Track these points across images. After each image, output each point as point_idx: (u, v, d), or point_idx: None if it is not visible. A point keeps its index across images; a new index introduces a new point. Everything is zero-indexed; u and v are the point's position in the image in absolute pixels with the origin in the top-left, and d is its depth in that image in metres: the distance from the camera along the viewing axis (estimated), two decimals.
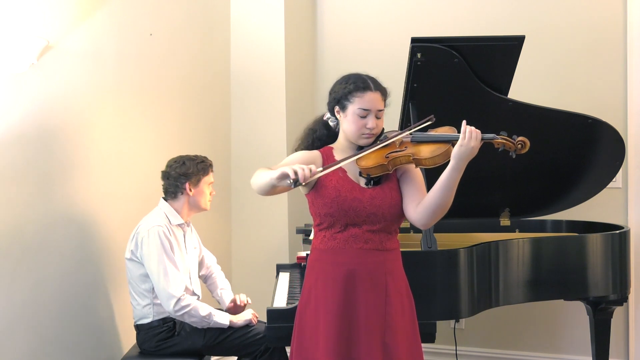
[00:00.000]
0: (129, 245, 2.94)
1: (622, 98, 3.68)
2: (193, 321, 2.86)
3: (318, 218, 2.17)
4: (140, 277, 2.90)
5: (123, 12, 3.30)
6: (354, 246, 2.12)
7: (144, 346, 2.94)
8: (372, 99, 2.11)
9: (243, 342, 2.92)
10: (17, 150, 2.73)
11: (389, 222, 2.13)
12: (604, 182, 3.36)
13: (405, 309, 2.16)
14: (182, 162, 2.99)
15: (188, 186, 2.97)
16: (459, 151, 1.98)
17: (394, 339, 2.09)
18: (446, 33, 3.21)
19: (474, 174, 2.87)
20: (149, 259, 2.84)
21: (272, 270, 3.46)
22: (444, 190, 2.01)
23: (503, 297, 2.81)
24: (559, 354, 3.85)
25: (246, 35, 4.15)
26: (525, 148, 2.09)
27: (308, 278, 2.21)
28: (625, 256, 3.08)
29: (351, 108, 2.11)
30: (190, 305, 2.82)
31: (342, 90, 2.14)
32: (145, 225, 2.91)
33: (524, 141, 2.09)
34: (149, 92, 3.49)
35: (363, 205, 2.10)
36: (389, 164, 2.09)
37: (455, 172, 2.00)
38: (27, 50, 2.66)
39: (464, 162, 1.99)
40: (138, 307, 2.94)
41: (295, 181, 1.89)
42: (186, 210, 3.03)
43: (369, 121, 2.10)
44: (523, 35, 2.90)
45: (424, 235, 2.66)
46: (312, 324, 2.14)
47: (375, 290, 2.10)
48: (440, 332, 2.65)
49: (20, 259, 2.75)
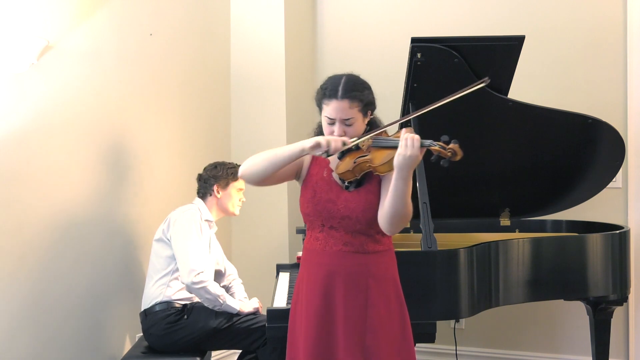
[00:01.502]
0: (161, 226, 3.05)
1: (622, 98, 3.68)
2: (207, 298, 2.92)
3: (302, 216, 2.19)
4: (165, 258, 2.99)
5: (123, 12, 3.30)
6: (333, 248, 2.10)
7: (150, 331, 2.95)
8: (336, 108, 2.03)
9: (249, 327, 2.96)
10: (17, 150, 2.73)
11: (364, 226, 2.09)
12: (604, 182, 3.36)
13: (393, 313, 2.12)
14: (214, 166, 3.18)
15: (216, 188, 3.12)
16: (397, 160, 1.89)
17: (376, 342, 2.06)
18: (446, 33, 3.20)
19: (474, 173, 2.87)
20: (177, 235, 2.96)
21: (272, 270, 3.46)
22: (394, 199, 1.94)
23: (503, 297, 2.81)
24: (559, 354, 3.85)
25: (246, 35, 4.15)
26: (457, 156, 1.91)
27: (298, 277, 2.23)
28: (625, 256, 3.08)
29: (323, 113, 2.10)
30: (208, 282, 2.91)
31: (317, 94, 2.13)
32: (180, 209, 3.06)
33: (455, 149, 1.90)
34: (149, 92, 3.49)
35: (337, 208, 2.09)
36: (355, 169, 2.04)
37: (400, 182, 1.91)
38: (27, 50, 2.66)
39: (406, 171, 1.89)
40: (150, 289, 2.99)
41: (326, 152, 1.94)
42: (215, 211, 3.16)
43: (335, 128, 2.05)
44: (523, 35, 2.90)
45: (424, 235, 2.66)
46: (299, 322, 2.16)
47: (355, 293, 2.08)
48: (440, 332, 2.65)
49: (21, 259, 2.75)
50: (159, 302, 2.96)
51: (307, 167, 2.18)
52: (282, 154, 2.02)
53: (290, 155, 2.02)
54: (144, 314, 3.01)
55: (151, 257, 3.08)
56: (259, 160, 2.05)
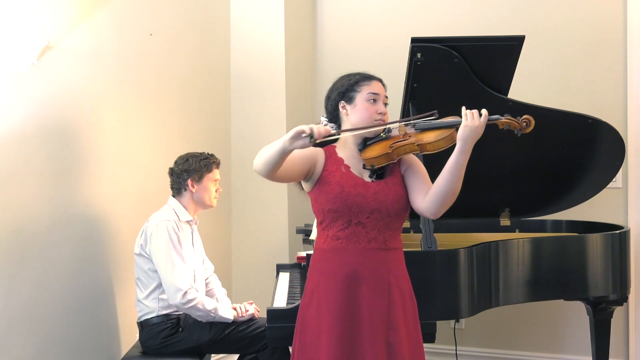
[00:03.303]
0: (138, 240, 2.98)
1: (622, 98, 3.68)
2: (199, 315, 2.87)
3: (321, 215, 2.16)
4: (148, 271, 2.93)
5: (123, 12, 3.30)
6: (357, 246, 2.11)
7: (147, 344, 2.94)
8: (379, 86, 2.18)
9: (247, 335, 2.94)
10: (17, 150, 2.73)
11: (393, 218, 2.13)
12: (604, 182, 3.36)
13: (407, 308, 2.16)
14: (185, 159, 3.04)
15: (190, 182, 3.01)
16: (463, 132, 1.99)
17: (398, 338, 2.09)
18: (446, 33, 3.20)
19: (474, 173, 2.87)
20: (157, 253, 2.88)
21: (272, 270, 3.46)
22: (452, 175, 2.02)
23: (503, 297, 2.81)
24: (559, 354, 3.85)
25: (246, 35, 4.15)
26: (530, 126, 2.07)
27: (310, 278, 2.20)
28: (625, 256, 3.08)
29: (359, 97, 2.15)
30: (197, 299, 2.85)
31: (347, 82, 2.18)
32: (154, 220, 2.95)
33: (529, 119, 2.06)
34: (149, 92, 3.49)
35: (367, 201, 2.10)
36: (393, 152, 2.10)
37: (462, 155, 2.00)
38: (27, 50, 2.66)
39: (469, 143, 2.00)
40: (144, 302, 2.95)
41: (310, 136, 1.90)
42: (192, 206, 3.07)
43: (379, 106, 2.15)
44: (523, 35, 2.90)
45: (424, 235, 2.66)
46: (314, 325, 2.13)
47: (378, 291, 2.10)
48: (440, 332, 2.65)
49: (21, 259, 2.75)
50: (156, 316, 2.92)
51: (322, 165, 2.16)
52: (269, 150, 1.97)
53: (276, 151, 1.95)
54: (140, 325, 2.98)
55: (135, 269, 3.00)
56: (260, 155, 2.03)
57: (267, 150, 1.99)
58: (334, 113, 2.21)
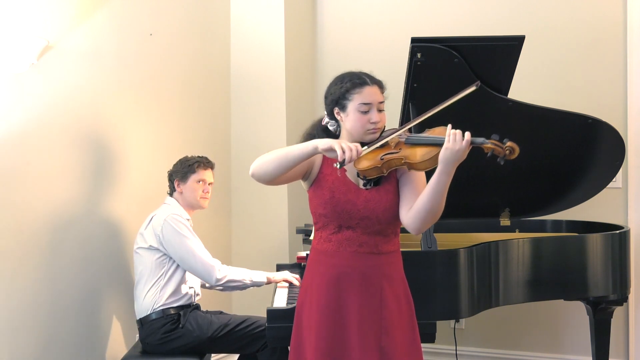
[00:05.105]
0: (142, 236, 3.02)
1: (622, 98, 3.68)
2: (236, 286, 3.03)
3: (315, 217, 2.15)
4: (156, 262, 2.97)
5: (123, 12, 3.30)
6: (347, 249, 2.09)
7: (147, 340, 2.94)
8: (371, 93, 2.07)
9: (247, 334, 2.96)
10: (17, 150, 2.73)
11: (383, 225, 2.09)
12: (604, 182, 3.36)
13: (403, 313, 2.13)
14: (177, 162, 3.15)
15: (177, 183, 3.11)
16: (444, 154, 1.91)
17: (392, 344, 2.06)
18: (446, 33, 3.20)
19: (474, 173, 2.87)
20: (174, 245, 2.95)
21: (272, 270, 3.45)
22: (433, 195, 1.95)
23: (503, 297, 2.81)
24: (559, 354, 3.85)
25: (246, 35, 4.15)
26: (514, 154, 1.96)
27: (305, 277, 2.20)
28: (625, 256, 3.08)
29: (351, 106, 2.07)
30: (227, 274, 2.99)
31: (339, 90, 2.09)
32: (159, 215, 3.01)
33: (513, 147, 1.95)
34: (149, 92, 3.49)
35: (357, 209, 2.07)
36: (383, 166, 2.03)
37: (444, 176, 1.93)
38: (27, 50, 2.66)
39: (451, 166, 1.92)
40: (144, 297, 2.96)
41: (342, 162, 1.90)
42: (184, 207, 3.11)
43: (372, 115, 2.06)
44: (523, 35, 2.90)
45: (424, 235, 2.66)
46: (307, 323, 2.14)
47: (369, 294, 2.07)
48: (440, 332, 2.65)
49: (21, 259, 2.75)
50: (154, 311, 2.94)
51: (319, 167, 2.13)
52: (293, 153, 1.98)
53: (301, 155, 1.98)
54: (140, 323, 2.99)
55: (137, 266, 3.03)
56: (269, 160, 2.01)
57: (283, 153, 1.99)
58: (331, 115, 2.19)
